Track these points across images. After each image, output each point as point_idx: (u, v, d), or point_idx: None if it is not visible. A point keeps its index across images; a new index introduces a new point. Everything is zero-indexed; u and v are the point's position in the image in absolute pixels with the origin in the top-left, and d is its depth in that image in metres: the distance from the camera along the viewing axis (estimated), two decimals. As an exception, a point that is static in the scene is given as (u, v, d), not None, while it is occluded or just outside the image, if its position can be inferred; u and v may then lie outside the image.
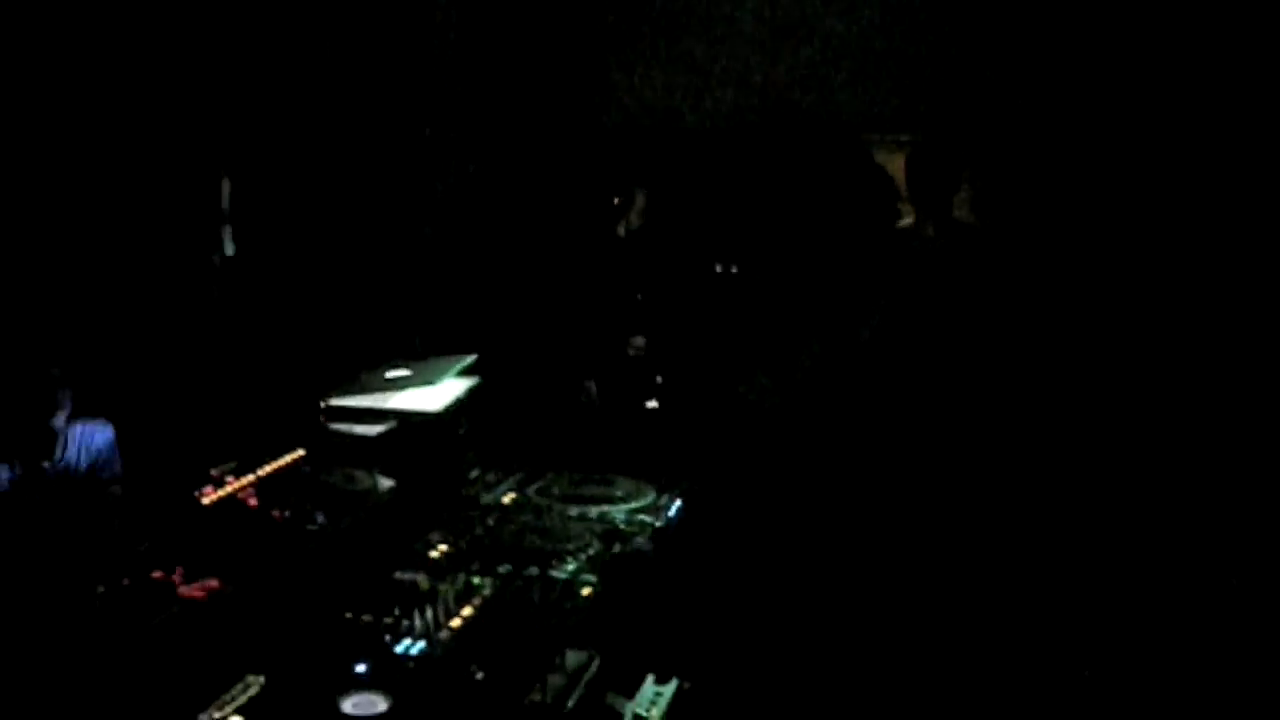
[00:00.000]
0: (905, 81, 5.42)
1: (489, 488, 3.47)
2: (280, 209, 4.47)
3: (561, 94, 5.70)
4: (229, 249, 4.03)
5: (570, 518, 3.25)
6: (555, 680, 2.49)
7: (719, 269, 5.38)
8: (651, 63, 5.88)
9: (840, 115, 5.52)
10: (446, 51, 5.31)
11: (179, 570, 2.47)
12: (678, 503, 3.34)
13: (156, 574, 2.46)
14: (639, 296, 5.64)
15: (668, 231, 5.41)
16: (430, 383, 3.52)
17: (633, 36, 5.86)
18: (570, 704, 2.48)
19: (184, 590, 2.40)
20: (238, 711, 2.15)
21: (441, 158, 5.37)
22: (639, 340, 5.58)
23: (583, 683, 2.56)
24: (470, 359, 3.71)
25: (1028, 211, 5.06)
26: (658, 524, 3.20)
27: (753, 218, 5.44)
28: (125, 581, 2.42)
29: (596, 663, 2.65)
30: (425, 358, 3.69)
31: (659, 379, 5.37)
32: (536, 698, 2.40)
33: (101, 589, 2.29)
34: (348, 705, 2.17)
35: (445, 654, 2.45)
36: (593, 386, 5.49)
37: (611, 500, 3.35)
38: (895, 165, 4.88)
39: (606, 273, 5.59)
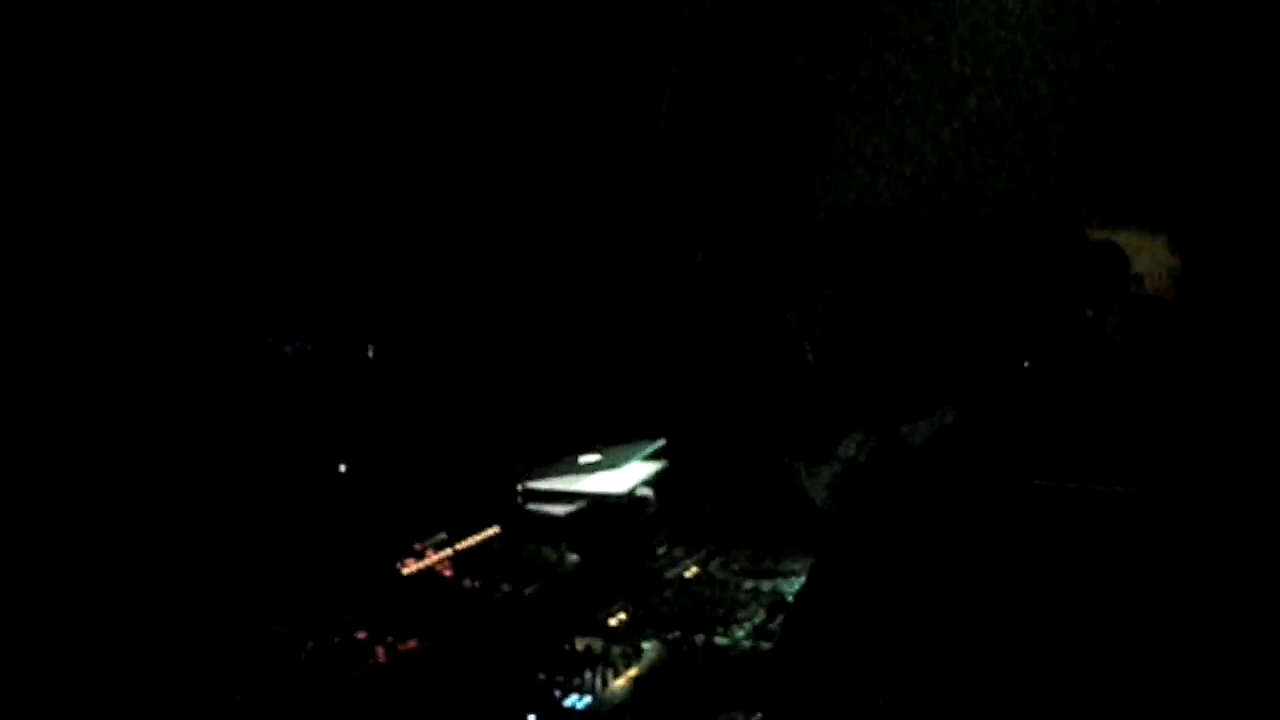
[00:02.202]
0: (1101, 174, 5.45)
1: (675, 562, 3.74)
2: (504, 307, 4.87)
3: (768, 187, 5.97)
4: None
5: (745, 590, 3.49)
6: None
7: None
8: (854, 156, 6.11)
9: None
10: (670, 149, 5.64)
11: (379, 633, 2.83)
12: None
13: (360, 634, 2.82)
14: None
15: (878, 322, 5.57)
16: (619, 466, 3.83)
17: (837, 131, 6.11)
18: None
19: (381, 650, 2.76)
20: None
21: (661, 254, 5.70)
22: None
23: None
24: (660, 443, 4.01)
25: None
26: (824, 595, 3.41)
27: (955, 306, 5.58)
28: (335, 640, 2.79)
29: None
30: (618, 442, 4.01)
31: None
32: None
33: (310, 644, 2.66)
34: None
35: (609, 709, 2.72)
36: (802, 468, 5.70)
37: (784, 574, 3.57)
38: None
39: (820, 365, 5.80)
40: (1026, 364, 4.27)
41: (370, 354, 4.32)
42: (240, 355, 3.55)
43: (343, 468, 3.70)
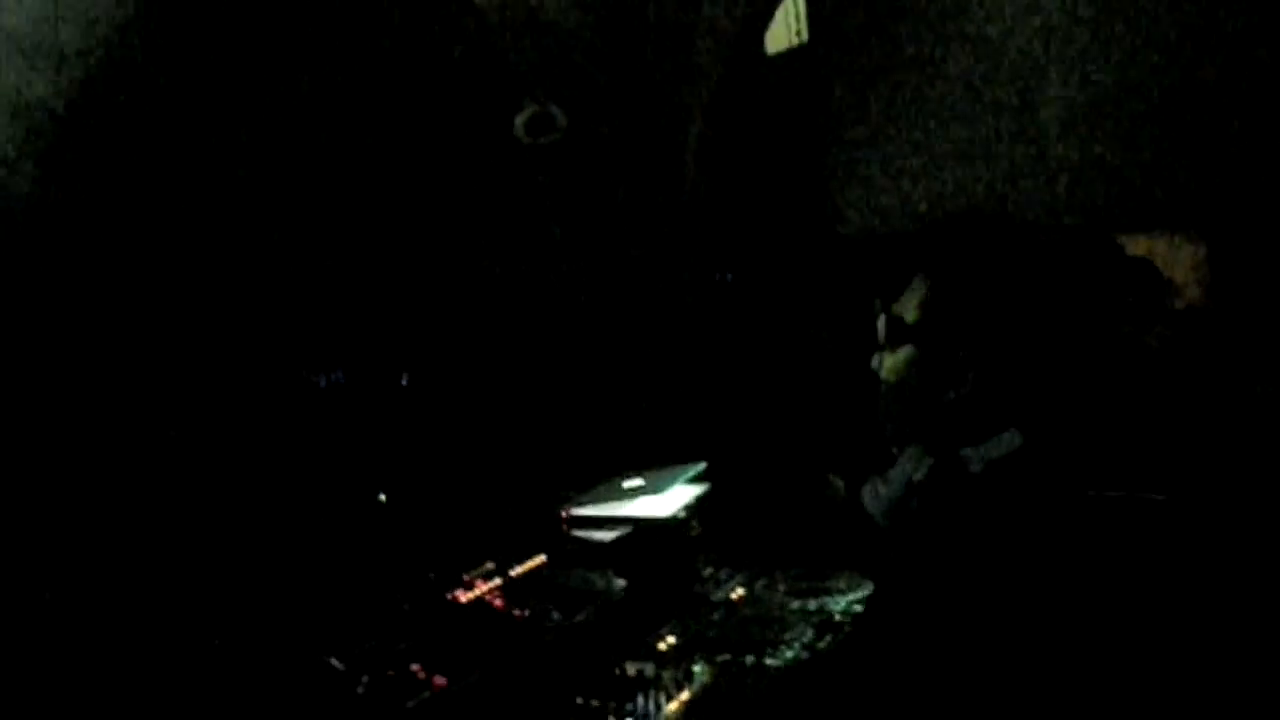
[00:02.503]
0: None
1: (719, 584, 3.76)
2: (540, 331, 4.92)
3: (795, 203, 6.01)
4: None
5: (791, 610, 3.50)
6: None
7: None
8: (880, 173, 6.13)
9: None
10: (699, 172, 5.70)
11: (433, 664, 2.86)
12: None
13: (415, 666, 2.85)
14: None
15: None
16: (663, 490, 3.85)
17: (861, 145, 6.14)
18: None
19: (437, 681, 2.78)
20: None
21: (688, 274, 5.75)
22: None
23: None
24: (701, 466, 4.04)
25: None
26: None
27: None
28: (389, 673, 2.82)
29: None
30: (659, 467, 4.03)
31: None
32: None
33: (367, 678, 2.69)
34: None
35: (663, 734, 2.75)
36: (840, 483, 5.73)
37: (830, 593, 3.59)
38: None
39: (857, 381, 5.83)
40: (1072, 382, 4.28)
41: (405, 382, 4.37)
42: (275, 389, 3.60)
43: (383, 497, 3.76)
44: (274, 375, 3.62)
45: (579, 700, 2.90)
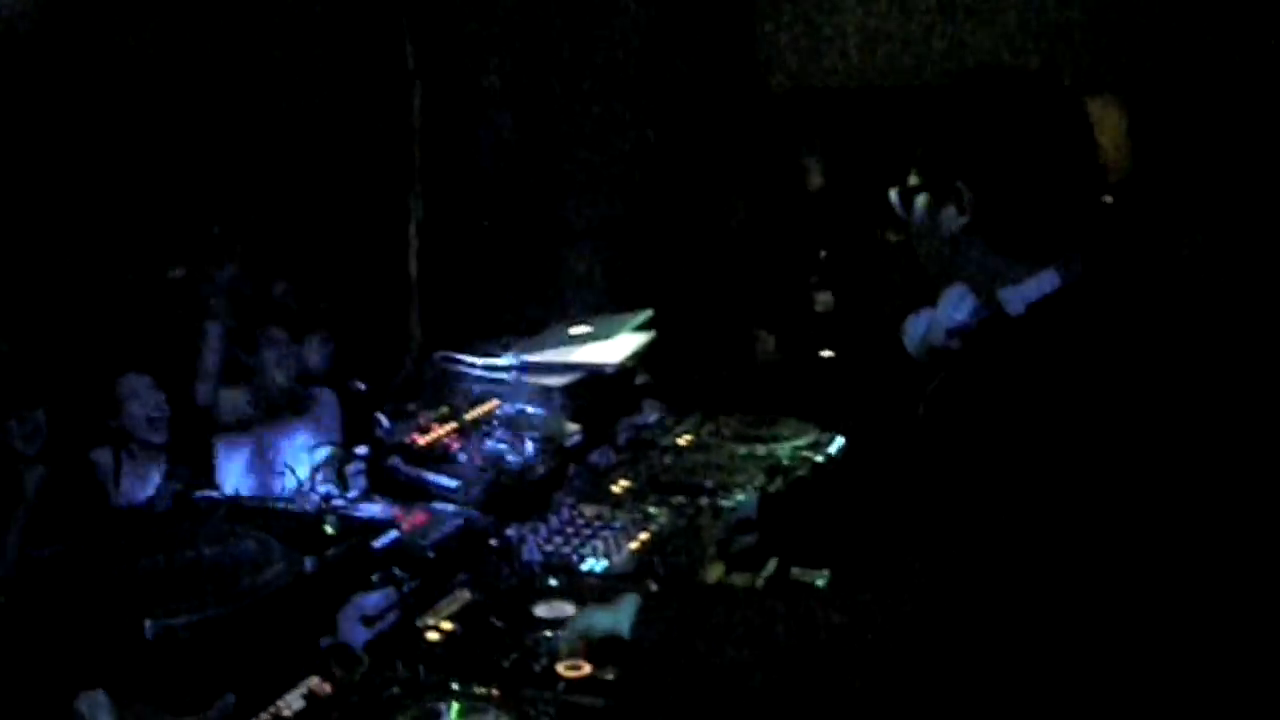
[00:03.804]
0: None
1: (667, 431, 3.80)
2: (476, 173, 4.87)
3: (726, 60, 5.97)
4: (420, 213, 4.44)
5: (739, 455, 3.56)
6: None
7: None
8: (814, 27, 6.12)
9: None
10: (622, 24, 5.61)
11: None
12: (839, 440, 3.62)
13: (375, 509, 2.86)
14: (822, 253, 5.91)
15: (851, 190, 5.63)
16: (610, 337, 3.87)
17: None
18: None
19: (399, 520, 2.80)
20: (450, 618, 2.53)
21: (621, 126, 5.70)
22: (824, 296, 5.87)
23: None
24: (647, 314, 4.05)
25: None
26: (818, 459, 3.49)
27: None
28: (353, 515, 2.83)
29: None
30: (605, 313, 4.05)
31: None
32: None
33: (333, 518, 2.69)
34: (541, 610, 2.53)
35: (625, 571, 2.79)
36: (770, 339, 5.80)
37: (777, 439, 3.65)
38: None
39: (787, 231, 5.87)
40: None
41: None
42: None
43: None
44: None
45: (541, 541, 2.93)
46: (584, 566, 2.80)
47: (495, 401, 3.46)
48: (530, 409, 3.51)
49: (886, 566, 2.00)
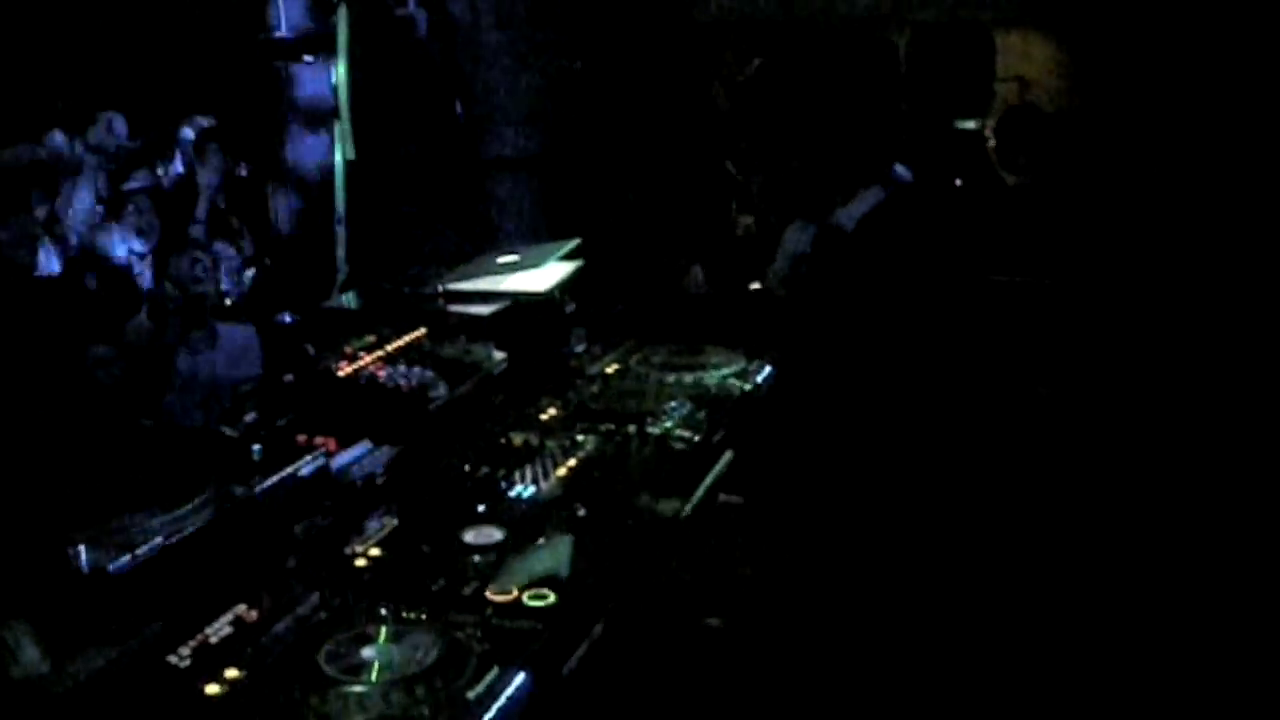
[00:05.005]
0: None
1: (594, 359, 3.80)
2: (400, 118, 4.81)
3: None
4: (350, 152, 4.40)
5: (667, 384, 3.57)
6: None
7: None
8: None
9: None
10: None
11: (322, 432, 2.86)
12: (766, 369, 3.64)
13: (301, 438, 2.83)
14: (741, 178, 5.90)
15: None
16: (537, 266, 3.85)
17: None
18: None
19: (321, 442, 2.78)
20: (378, 544, 2.53)
21: (550, 57, 5.65)
22: (746, 220, 5.86)
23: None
24: (574, 243, 4.04)
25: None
26: (746, 387, 3.51)
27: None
28: (279, 441, 2.80)
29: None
30: (532, 243, 4.03)
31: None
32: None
33: (258, 446, 2.67)
34: (469, 536, 2.54)
35: (554, 498, 2.81)
36: (698, 270, 5.80)
37: (704, 367, 3.66)
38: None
39: (708, 157, 5.85)
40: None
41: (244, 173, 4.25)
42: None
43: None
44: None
45: (468, 468, 2.93)
46: (512, 494, 2.81)
47: (422, 330, 3.44)
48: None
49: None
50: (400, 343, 3.36)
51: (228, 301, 3.73)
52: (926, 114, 4.60)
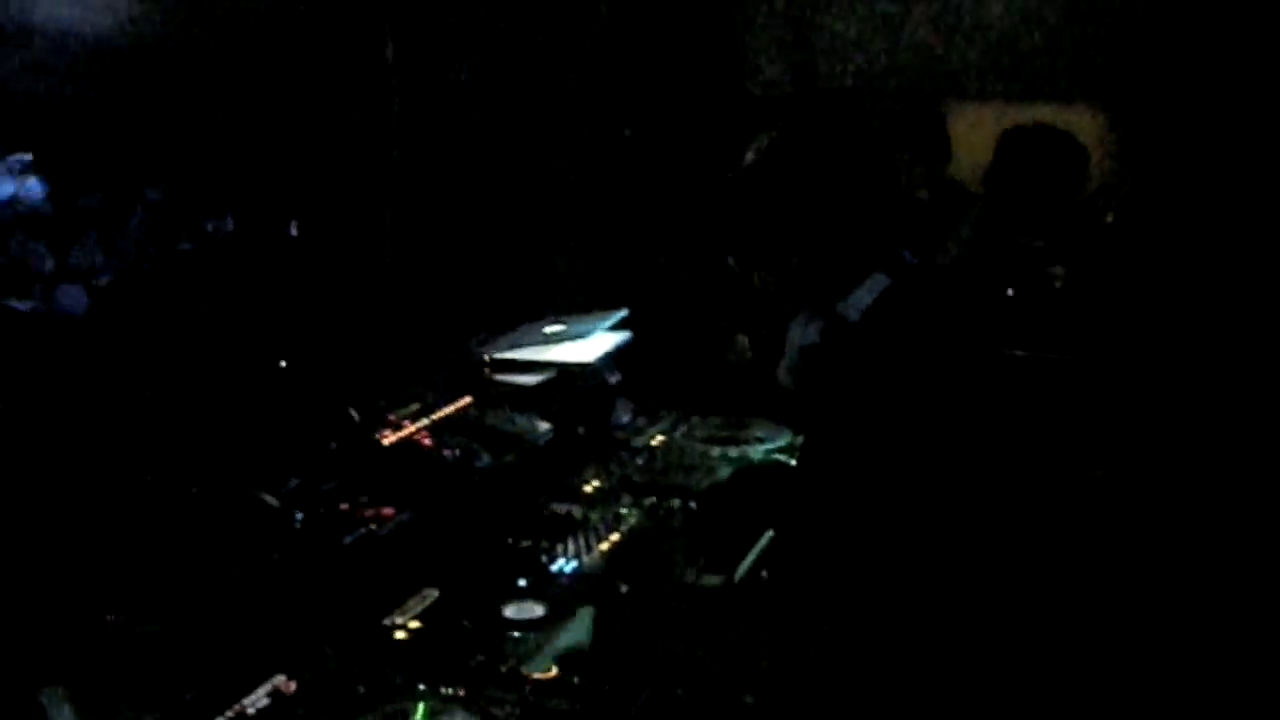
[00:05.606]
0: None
1: (639, 431, 3.79)
2: (443, 178, 4.84)
3: (704, 66, 5.97)
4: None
5: (711, 456, 3.55)
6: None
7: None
8: (792, 36, 6.13)
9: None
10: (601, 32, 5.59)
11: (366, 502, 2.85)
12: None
13: (343, 505, 2.83)
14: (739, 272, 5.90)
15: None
16: (584, 336, 3.85)
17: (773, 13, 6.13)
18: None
19: (371, 518, 2.77)
20: (417, 617, 2.52)
21: (600, 126, 5.68)
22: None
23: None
24: (621, 314, 4.03)
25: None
26: (790, 462, 3.48)
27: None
28: (322, 510, 2.80)
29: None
30: (579, 313, 4.02)
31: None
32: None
33: (300, 515, 2.67)
34: (509, 611, 2.52)
35: (596, 571, 2.78)
36: (744, 339, 5.78)
37: (749, 441, 3.64)
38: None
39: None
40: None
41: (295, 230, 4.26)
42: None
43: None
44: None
45: (510, 540, 2.92)
46: (554, 568, 2.79)
47: (468, 399, 3.44)
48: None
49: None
50: (446, 411, 3.36)
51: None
52: (996, 225, 4.60)
